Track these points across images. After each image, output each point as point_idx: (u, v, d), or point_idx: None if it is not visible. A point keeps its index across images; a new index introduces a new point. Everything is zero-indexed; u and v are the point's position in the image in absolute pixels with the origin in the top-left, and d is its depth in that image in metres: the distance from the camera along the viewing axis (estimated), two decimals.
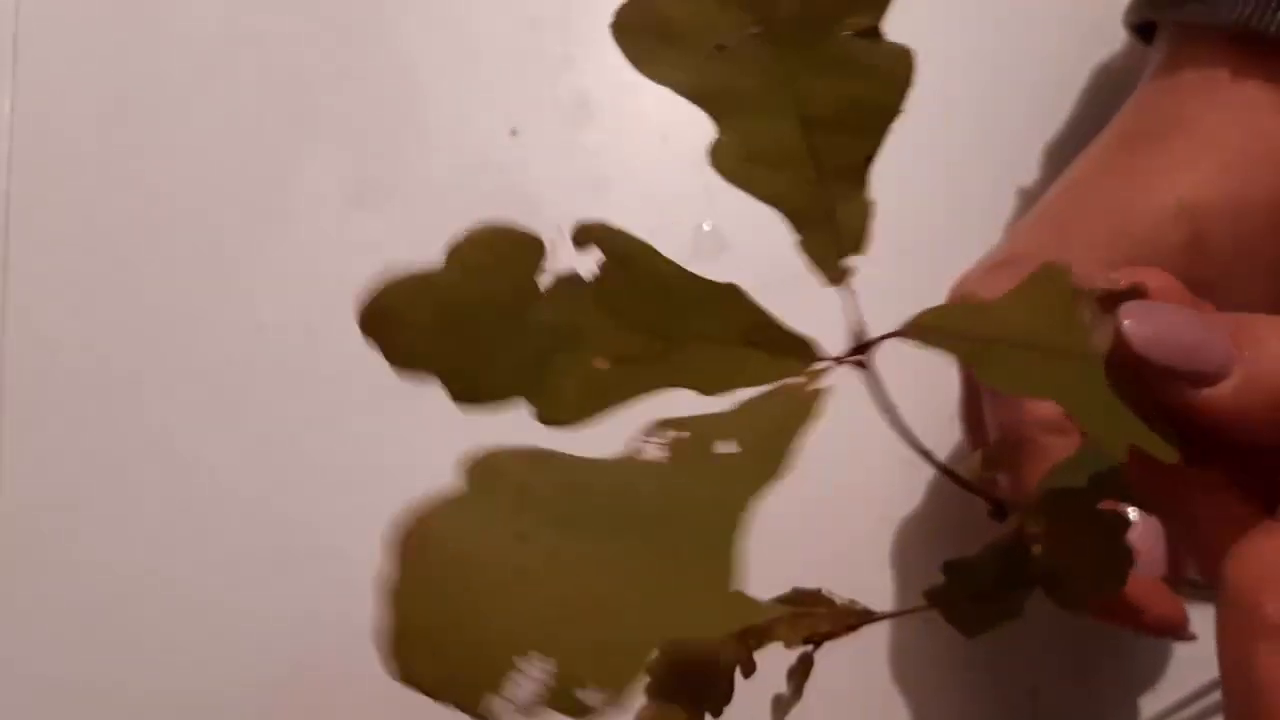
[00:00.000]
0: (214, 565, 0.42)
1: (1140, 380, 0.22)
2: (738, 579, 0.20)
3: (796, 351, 0.24)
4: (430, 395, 0.23)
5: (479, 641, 0.20)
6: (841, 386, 0.24)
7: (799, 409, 0.23)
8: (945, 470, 0.29)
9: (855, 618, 0.32)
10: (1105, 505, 0.29)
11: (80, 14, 0.47)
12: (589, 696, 0.19)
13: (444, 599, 0.20)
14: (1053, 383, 0.23)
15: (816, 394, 0.23)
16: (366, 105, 0.47)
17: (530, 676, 0.19)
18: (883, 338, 0.25)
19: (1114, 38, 0.43)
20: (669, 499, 0.21)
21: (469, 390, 0.23)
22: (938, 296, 0.39)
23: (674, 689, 0.30)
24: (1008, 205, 0.45)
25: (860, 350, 0.24)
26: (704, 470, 0.21)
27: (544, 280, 0.23)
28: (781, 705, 0.31)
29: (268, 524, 0.42)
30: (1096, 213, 0.34)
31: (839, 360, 0.24)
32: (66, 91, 0.46)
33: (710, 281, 0.24)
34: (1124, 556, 0.28)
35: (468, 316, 0.23)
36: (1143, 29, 0.39)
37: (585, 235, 0.23)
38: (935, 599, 0.32)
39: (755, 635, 0.31)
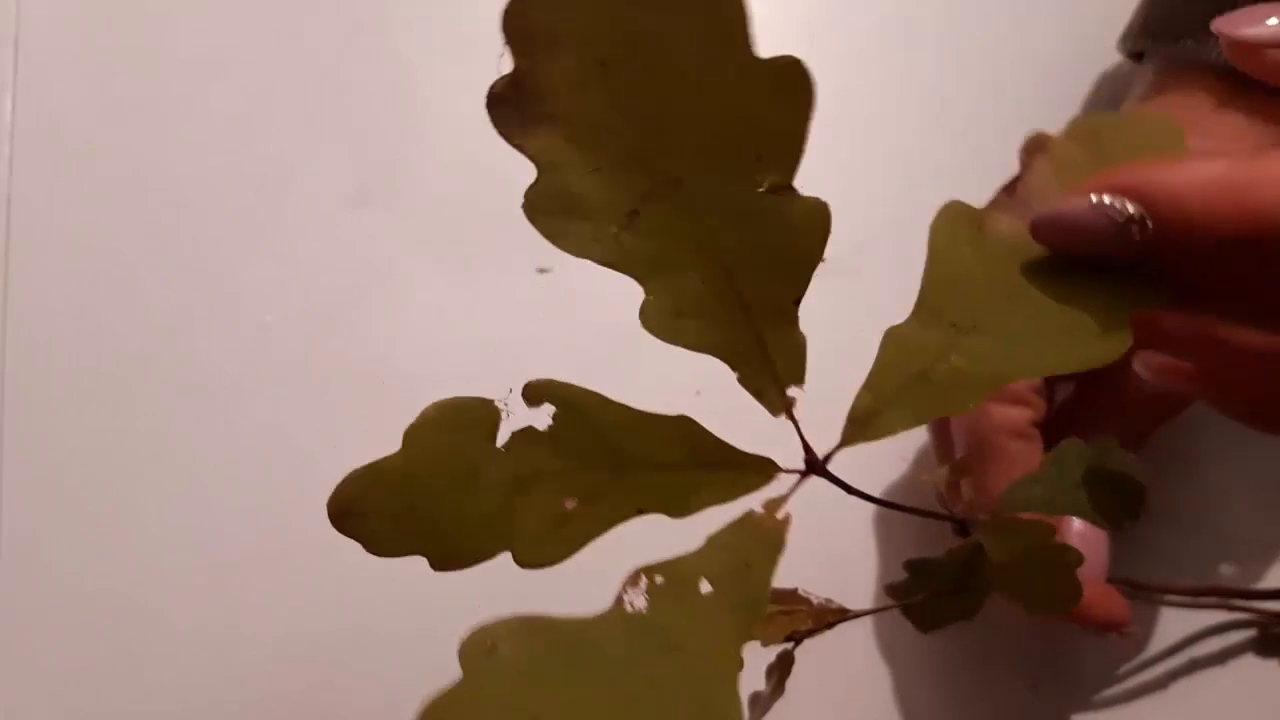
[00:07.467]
0: (212, 563, 0.42)
1: None
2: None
3: (754, 467, 0.25)
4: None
5: None
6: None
7: (765, 544, 0.24)
8: (908, 509, 0.30)
9: (834, 615, 0.33)
10: (1055, 523, 0.29)
11: (80, 14, 0.47)
12: None
13: None
14: None
15: (779, 526, 0.24)
16: (366, 105, 0.47)
17: None
18: (829, 455, 0.25)
19: (1112, 50, 0.43)
20: (658, 654, 0.22)
21: (448, 558, 0.24)
22: None
23: None
24: None
25: (811, 469, 0.25)
26: (685, 619, 0.22)
27: (501, 439, 0.24)
28: (761, 702, 0.32)
29: (266, 522, 0.42)
30: None
31: (803, 474, 0.25)
32: (67, 91, 0.46)
33: (662, 415, 0.25)
34: (1073, 590, 0.29)
35: (426, 493, 0.24)
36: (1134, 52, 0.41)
37: (536, 393, 0.24)
38: (895, 593, 0.33)
39: None
